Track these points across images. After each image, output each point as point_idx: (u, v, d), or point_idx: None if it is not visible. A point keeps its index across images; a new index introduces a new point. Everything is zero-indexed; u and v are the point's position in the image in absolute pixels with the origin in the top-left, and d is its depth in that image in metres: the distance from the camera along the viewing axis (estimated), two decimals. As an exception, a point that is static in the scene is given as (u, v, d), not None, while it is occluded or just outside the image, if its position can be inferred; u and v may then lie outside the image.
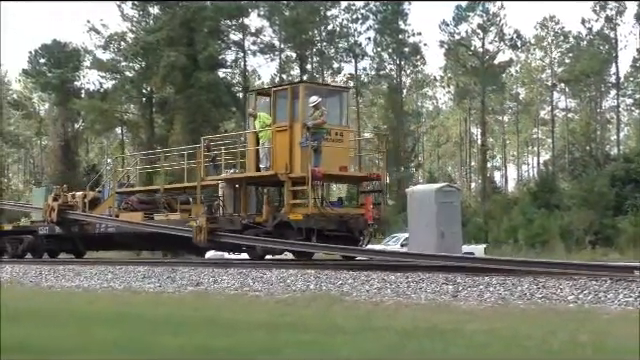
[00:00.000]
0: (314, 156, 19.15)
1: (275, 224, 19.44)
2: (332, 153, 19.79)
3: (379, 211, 20.72)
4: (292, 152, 19.51)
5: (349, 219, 19.71)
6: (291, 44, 67.78)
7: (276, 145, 19.82)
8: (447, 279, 13.52)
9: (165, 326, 9.80)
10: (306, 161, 19.01)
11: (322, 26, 67.82)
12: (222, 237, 20.08)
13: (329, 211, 19.49)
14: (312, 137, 19.13)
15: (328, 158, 19.54)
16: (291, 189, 19.43)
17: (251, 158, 20.75)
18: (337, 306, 12.21)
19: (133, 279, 17.90)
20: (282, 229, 19.29)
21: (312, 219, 18.79)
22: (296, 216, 18.98)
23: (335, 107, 20.80)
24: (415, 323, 9.55)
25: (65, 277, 19.50)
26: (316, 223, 18.83)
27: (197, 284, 16.44)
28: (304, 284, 14.83)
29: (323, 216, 19.12)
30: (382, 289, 13.60)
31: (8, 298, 16.02)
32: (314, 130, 19.15)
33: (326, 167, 19.36)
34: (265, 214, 19.99)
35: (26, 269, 21.44)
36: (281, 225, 19.31)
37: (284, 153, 19.55)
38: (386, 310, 11.54)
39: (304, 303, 12.71)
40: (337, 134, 20.22)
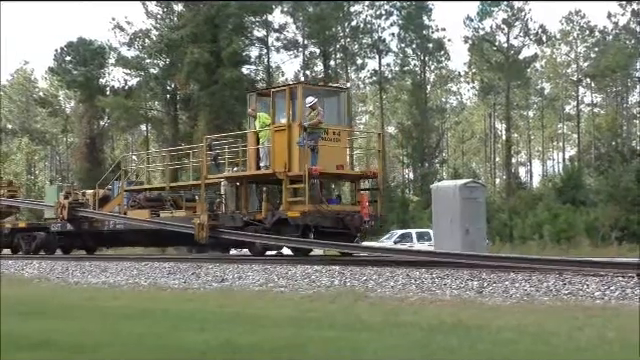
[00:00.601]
0: (311, 155, 19.77)
1: (274, 221, 19.99)
2: (329, 152, 20.35)
3: (375, 208, 21.17)
4: (290, 151, 20.06)
5: (345, 216, 20.15)
6: (315, 40, 67.72)
7: (275, 144, 20.34)
8: (472, 275, 13.47)
9: (190, 322, 9.83)
10: (303, 160, 19.61)
11: (346, 22, 67.67)
12: (223, 234, 20.72)
13: (325, 208, 19.97)
14: (309, 137, 19.73)
15: (325, 157, 20.10)
16: (289, 187, 20.00)
17: (251, 157, 21.30)
18: (362, 302, 12.19)
19: (158, 275, 17.98)
20: (280, 226, 19.87)
21: (309, 216, 19.39)
22: (293, 213, 19.56)
23: (333, 107, 21.36)
24: (440, 319, 9.52)
25: (91, 273, 19.63)
26: (312, 220, 19.45)
27: (222, 280, 16.48)
28: (329, 280, 14.83)
29: (319, 213, 19.66)
30: (406, 285, 13.57)
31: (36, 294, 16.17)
32: (311, 130, 19.74)
33: (323, 166, 19.91)
34: (264, 211, 20.62)
35: (53, 265, 21.62)
36: (279, 222, 19.88)
37: (283, 152, 20.09)
38: (411, 306, 11.51)
39: (329, 299, 12.71)
40: (334, 134, 20.74)
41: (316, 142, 19.87)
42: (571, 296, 11.76)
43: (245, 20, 62.83)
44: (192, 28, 59.25)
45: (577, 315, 9.69)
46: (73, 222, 26.16)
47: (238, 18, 60.77)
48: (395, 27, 68.72)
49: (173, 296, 14.72)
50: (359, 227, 20.42)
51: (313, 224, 19.59)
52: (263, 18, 65.57)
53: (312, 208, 19.51)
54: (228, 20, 59.70)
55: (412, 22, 67.86)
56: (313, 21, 64.96)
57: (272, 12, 65.58)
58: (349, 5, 67.27)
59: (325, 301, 12.49)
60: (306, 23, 66.26)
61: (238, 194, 21.70)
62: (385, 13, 68.16)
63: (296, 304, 12.27)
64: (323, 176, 20.53)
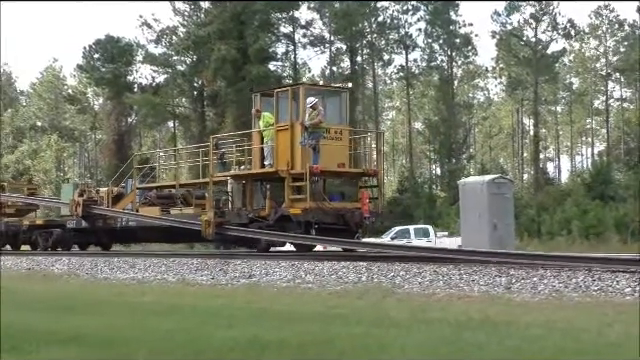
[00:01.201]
0: (313, 154, 20.16)
1: (277, 218, 20.45)
2: (331, 151, 20.78)
3: (376, 205, 21.58)
4: (293, 150, 20.50)
5: (346, 213, 20.56)
6: (341, 36, 67.66)
7: (278, 143, 20.84)
8: (500, 271, 13.40)
9: (218, 318, 9.87)
10: (305, 159, 20.09)
11: (372, 18, 67.56)
12: (229, 230, 21.14)
13: (326, 205, 20.45)
14: (310, 136, 20.12)
15: (327, 155, 20.52)
16: (291, 185, 20.41)
17: (256, 156, 21.77)
18: (389, 298, 12.17)
19: (186, 271, 18.06)
20: (283, 222, 20.30)
21: (310, 213, 19.85)
22: (295, 210, 19.98)
23: (335, 107, 21.87)
24: (468, 315, 9.49)
25: (120, 269, 19.75)
26: (314, 217, 19.89)
27: (249, 276, 16.52)
28: (356, 276, 14.81)
29: (320, 210, 20.14)
30: (434, 281, 13.52)
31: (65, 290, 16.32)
32: (312, 130, 20.11)
33: (325, 164, 20.34)
34: (267, 209, 21.03)
35: (82, 261, 21.79)
36: (282, 219, 20.32)
37: (286, 151, 20.57)
38: (439, 302, 11.48)
39: (356, 295, 12.70)
40: (336, 132, 21.21)
41: (317, 141, 20.24)
42: (601, 292, 11.66)
43: (272, 16, 62.91)
44: (219, 25, 59.42)
45: (607, 311, 9.61)
46: (87, 219, 26.68)
47: (265, 15, 60.86)
48: (422, 22, 68.55)
49: (201, 292, 14.78)
50: (359, 223, 20.84)
51: (314, 221, 20.00)
52: (289, 14, 65.61)
53: (313, 205, 19.99)
54: (255, 17, 59.80)
55: (439, 17, 67.60)
56: (340, 17, 64.90)
57: (298, 8, 65.65)
58: (376, 1, 67.14)
59: (352, 297, 12.49)
60: (332, 19, 66.22)
61: (244, 192, 22.28)
62: (412, 9, 67.97)
63: (323, 300, 12.27)
64: (324, 174, 21.02)
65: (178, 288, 15.77)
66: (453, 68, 71.23)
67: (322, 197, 20.63)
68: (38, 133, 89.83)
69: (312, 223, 19.94)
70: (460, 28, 68.59)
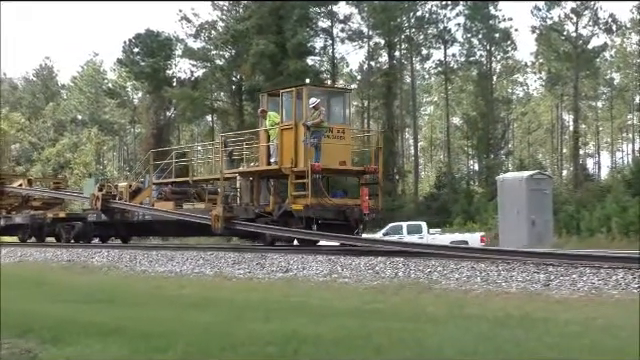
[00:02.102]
0: (315, 152, 20.90)
1: (280, 213, 21.21)
2: (333, 149, 21.46)
3: (376, 202, 22.28)
4: (297, 149, 21.17)
5: (346, 209, 21.34)
6: (380, 31, 67.44)
7: (283, 142, 21.52)
8: (538, 267, 13.30)
9: (255, 312, 9.91)
10: (307, 157, 20.75)
11: (411, 12, 67.24)
12: (236, 225, 22.03)
13: (327, 202, 21.19)
14: (312, 135, 20.83)
15: (329, 154, 21.28)
16: (294, 182, 21.08)
17: (263, 153, 22.48)
18: (426, 294, 12.14)
19: (224, 265, 18.14)
20: (286, 218, 21.12)
21: (311, 209, 20.61)
22: (297, 206, 20.70)
23: (338, 107, 22.64)
24: (507, 312, 9.43)
25: (158, 262, 19.91)
26: (315, 213, 20.67)
27: (286, 270, 16.56)
28: (393, 271, 14.78)
29: (321, 206, 20.92)
30: (471, 277, 13.45)
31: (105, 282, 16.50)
32: (314, 129, 20.83)
33: (327, 162, 21.10)
34: (272, 204, 21.86)
35: (121, 253, 22.00)
36: (285, 214, 21.08)
37: (290, 149, 21.26)
38: (476, 298, 11.42)
39: (393, 290, 12.69)
40: (339, 131, 21.86)
41: (319, 140, 20.95)
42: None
43: (310, 11, 62.89)
44: (257, 19, 59.53)
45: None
46: (107, 213, 27.63)
47: (303, 9, 60.86)
48: (461, 17, 68.07)
49: (238, 286, 14.86)
50: (359, 219, 21.56)
51: (315, 216, 20.74)
52: (328, 9, 65.55)
53: (314, 201, 20.72)
54: (293, 11, 59.82)
55: (478, 12, 67.07)
56: (378, 11, 64.70)
57: (337, 3, 65.54)
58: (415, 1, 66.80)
59: (389, 293, 12.48)
60: (371, 13, 66.05)
61: (251, 188, 23.08)
62: (451, 3, 67.50)
63: (360, 295, 12.28)
64: (325, 172, 21.74)
65: (215, 282, 15.86)
66: (492, 63, 70.64)
67: (323, 194, 21.29)
68: (78, 126, 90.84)
69: (313, 219, 20.66)
70: (499, 23, 67.99)
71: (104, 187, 28.30)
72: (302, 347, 7.06)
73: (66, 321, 9.02)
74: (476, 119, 68.64)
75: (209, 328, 8.34)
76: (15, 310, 10.45)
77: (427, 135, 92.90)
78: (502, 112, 72.36)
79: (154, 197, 26.68)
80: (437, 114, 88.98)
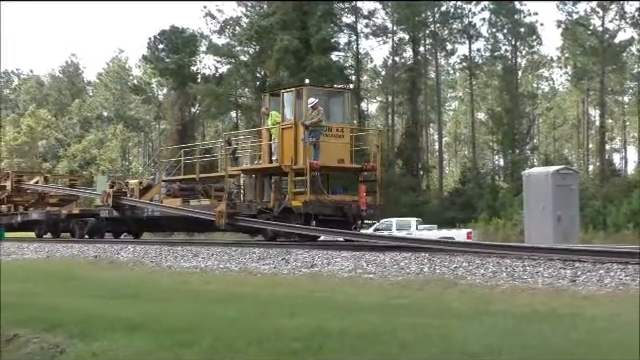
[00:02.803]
0: (314, 150, 21.63)
1: (280, 210, 21.93)
2: (332, 148, 22.24)
3: (374, 199, 22.91)
4: (297, 147, 21.87)
5: (344, 205, 22.11)
6: (404, 26, 67.28)
7: (283, 140, 22.23)
8: (565, 263, 13.22)
9: (280, 307, 9.93)
10: (306, 155, 21.48)
11: (435, 7, 67.01)
12: (239, 221, 22.70)
13: (325, 198, 21.93)
14: (311, 134, 21.56)
15: (328, 152, 22.04)
16: (294, 179, 21.88)
17: (265, 152, 23.25)
18: (451, 289, 12.11)
19: (249, 260, 18.18)
20: (286, 214, 21.76)
21: (310, 205, 21.33)
22: (297, 203, 21.43)
23: (338, 106, 23.30)
24: (533, 307, 9.39)
25: (184, 258, 19.99)
26: (313, 209, 21.43)
27: (311, 266, 16.56)
28: (418, 267, 14.75)
29: (320, 202, 21.66)
30: (497, 273, 13.39)
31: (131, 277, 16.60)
32: (312, 128, 21.54)
33: (326, 160, 21.86)
34: (272, 201, 22.62)
35: (146, 249, 22.12)
36: (285, 210, 21.77)
37: (290, 148, 21.97)
38: (502, 294, 11.38)
39: (418, 286, 12.66)
40: (338, 130, 22.66)
41: (317, 139, 21.65)
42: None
43: (334, 7, 62.84)
44: (281, 15, 59.59)
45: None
46: (118, 209, 28.56)
47: (327, 5, 60.82)
48: (486, 12, 67.74)
49: (263, 281, 14.89)
50: (356, 215, 22.32)
51: (314, 212, 21.49)
52: (352, 4, 65.48)
53: (313, 198, 21.41)
54: (317, 7, 59.81)
55: (503, 6, 66.71)
56: (402, 7, 64.52)
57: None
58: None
59: (414, 288, 12.45)
60: (395, 9, 65.88)
61: (254, 185, 23.95)
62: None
63: (385, 291, 12.27)
64: (324, 169, 22.34)
65: (241, 277, 15.91)
66: (517, 58, 70.28)
67: (321, 191, 21.95)
68: (104, 123, 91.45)
69: (312, 215, 21.42)
70: (525, 17, 67.61)
71: (115, 184, 29.41)
72: (327, 342, 7.07)
73: (93, 316, 9.09)
74: (501, 114, 68.29)
75: (234, 323, 8.36)
76: (43, 305, 10.55)
77: (452, 130, 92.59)
78: (527, 107, 71.94)
79: (163, 194, 27.50)
80: (462, 109, 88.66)
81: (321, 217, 21.71)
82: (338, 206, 22.07)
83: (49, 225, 32.55)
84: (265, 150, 23.20)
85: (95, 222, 30.28)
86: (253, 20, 64.73)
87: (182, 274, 17.12)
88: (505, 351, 6.52)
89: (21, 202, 35.99)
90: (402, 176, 63.33)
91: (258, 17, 64.21)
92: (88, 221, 30.59)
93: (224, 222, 22.66)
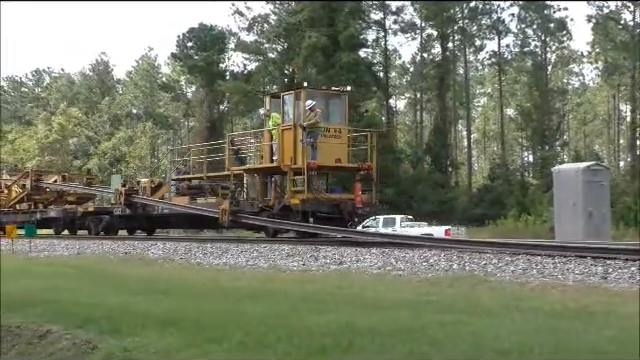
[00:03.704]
0: (311, 151, 22.50)
1: (280, 207, 22.92)
2: (330, 148, 23.05)
3: (370, 197, 23.95)
4: (296, 147, 22.74)
5: (340, 203, 23.00)
6: (432, 22, 67.06)
7: (283, 141, 23.11)
8: (596, 260, 13.11)
9: (310, 303, 9.92)
10: (304, 155, 22.36)
11: (464, 3, 66.71)
12: (241, 218, 23.80)
13: (322, 196, 22.91)
14: (309, 135, 22.37)
15: (326, 152, 22.88)
16: (292, 178, 22.82)
17: (266, 152, 24.14)
18: (481, 286, 12.04)
19: (278, 257, 18.21)
20: (285, 212, 22.72)
21: (307, 203, 22.21)
22: (295, 201, 22.36)
23: (336, 108, 24.16)
24: (564, 304, 9.31)
25: (213, 254, 20.06)
26: (311, 207, 22.27)
27: (340, 263, 16.56)
28: (447, 264, 14.70)
29: (317, 201, 22.54)
30: (527, 270, 13.30)
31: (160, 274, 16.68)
32: (310, 129, 22.35)
33: (323, 160, 22.75)
34: (272, 199, 23.65)
35: (176, 246, 22.25)
36: (285, 208, 22.74)
37: (290, 148, 22.89)
38: (532, 291, 11.30)
39: (447, 283, 12.61)
40: (336, 131, 23.50)
41: (315, 139, 22.50)
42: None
43: (362, 3, 62.74)
44: (310, 12, 59.61)
45: None
46: (130, 207, 29.64)
47: (355, 1, 60.75)
48: (515, 7, 67.37)
49: (292, 278, 14.90)
50: (352, 213, 23.15)
51: (312, 210, 22.28)
52: (380, 0, 65.34)
53: (310, 196, 22.33)
54: (345, 4, 59.75)
55: (533, 2, 66.28)
56: (431, 3, 64.30)
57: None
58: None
59: (444, 285, 12.40)
60: (424, 5, 65.66)
61: (255, 184, 24.89)
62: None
63: (414, 288, 12.22)
64: (321, 169, 23.31)
65: (270, 274, 15.91)
66: (547, 53, 69.86)
67: (319, 189, 23.02)
68: (134, 120, 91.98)
69: (309, 212, 22.24)
70: (554, 12, 67.21)
71: (127, 183, 30.73)
72: (357, 339, 7.06)
73: (124, 312, 9.14)
74: (530, 110, 67.93)
75: (264, 319, 8.37)
76: (74, 301, 10.63)
77: (480, 127, 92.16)
78: (557, 103, 71.49)
79: (173, 192, 28.46)
80: (490, 105, 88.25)
81: (318, 214, 22.48)
82: (335, 204, 22.96)
83: (66, 222, 33.58)
84: (266, 150, 24.01)
85: (109, 219, 31.18)
86: (281, 17, 64.84)
87: (211, 271, 17.17)
88: (536, 348, 6.48)
89: (40, 200, 37.25)
90: (430, 173, 63.16)
91: (286, 14, 64.32)
92: (103, 218, 31.53)
93: (227, 219, 23.68)
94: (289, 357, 6.61)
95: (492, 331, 7.29)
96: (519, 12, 67.45)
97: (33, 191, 37.11)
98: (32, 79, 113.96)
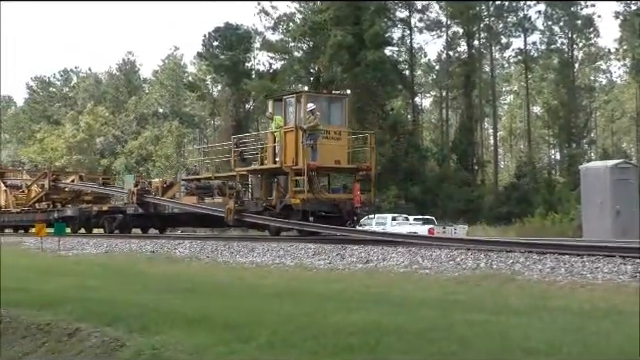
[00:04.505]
0: (311, 152, 23.17)
1: (282, 207, 23.60)
2: (330, 149, 23.70)
3: (368, 197, 24.85)
4: (297, 149, 23.37)
5: (339, 203, 23.78)
6: (458, 20, 66.79)
7: (285, 143, 23.78)
8: (625, 258, 13.00)
9: (337, 302, 9.92)
10: (304, 156, 23.03)
11: (490, 1, 66.38)
12: (246, 217, 24.67)
13: (322, 196, 23.62)
14: (309, 137, 23.00)
15: (326, 153, 23.54)
16: (294, 179, 23.51)
17: (269, 153, 24.82)
18: (509, 285, 11.99)
19: (304, 256, 18.23)
20: (287, 211, 23.45)
21: (307, 203, 22.99)
22: (295, 200, 23.06)
23: (336, 111, 24.83)
24: (592, 304, 9.25)
25: (239, 253, 20.13)
26: (311, 206, 23.09)
27: (366, 261, 16.54)
28: (474, 263, 14.64)
29: (316, 200, 23.28)
30: (555, 269, 13.21)
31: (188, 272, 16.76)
32: (310, 132, 22.96)
33: (323, 161, 23.47)
34: (274, 199, 24.33)
35: (203, 245, 22.34)
36: (286, 208, 23.46)
37: (291, 150, 23.53)
38: (561, 290, 11.23)
39: (475, 282, 12.57)
40: (336, 133, 24.15)
41: (315, 141, 23.14)
42: None
43: (387, 1, 62.60)
44: (335, 11, 59.57)
45: None
46: (142, 206, 30.40)
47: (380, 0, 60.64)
48: (541, 4, 66.92)
49: (318, 276, 14.91)
50: (350, 212, 23.82)
51: (312, 210, 23.15)
52: None
53: (310, 196, 23.07)
54: (371, 2, 59.65)
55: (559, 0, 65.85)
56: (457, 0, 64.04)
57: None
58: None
59: (471, 284, 12.36)
60: (449, 3, 65.40)
61: (260, 184, 25.60)
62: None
63: (441, 286, 12.19)
64: (321, 169, 24.07)
65: (296, 272, 15.95)
66: (574, 50, 69.33)
67: (318, 189, 23.70)
68: (160, 119, 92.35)
69: (309, 211, 23.06)
70: (582, 9, 66.69)
71: (139, 183, 31.54)
72: (384, 338, 7.04)
73: (152, 310, 9.18)
74: (557, 108, 67.48)
75: (291, 318, 8.37)
76: (102, 299, 10.71)
77: (506, 125, 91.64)
78: (584, 100, 70.95)
79: (183, 192, 29.45)
80: (517, 103, 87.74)
81: (318, 214, 23.40)
82: (334, 204, 23.73)
83: (82, 221, 34.36)
84: (270, 152, 24.73)
85: (122, 218, 31.92)
86: (307, 16, 64.85)
87: (238, 269, 17.24)
88: (565, 348, 6.44)
89: (58, 199, 38.49)
90: (456, 171, 62.93)
91: (312, 13, 64.30)
92: (116, 217, 32.26)
93: (232, 218, 24.52)
94: (316, 356, 6.60)
95: (520, 330, 7.26)
96: (545, 9, 67.05)
97: (51, 190, 38.31)
98: (60, 79, 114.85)
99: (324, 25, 60.49)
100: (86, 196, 38.11)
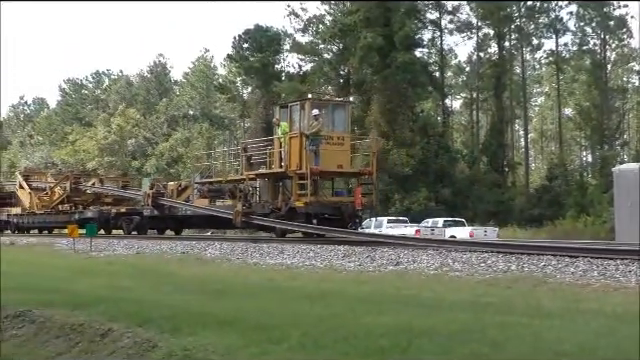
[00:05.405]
0: (314, 157, 23.97)
1: (287, 210, 24.47)
2: (333, 154, 24.59)
3: (370, 200, 25.64)
4: (301, 154, 24.16)
5: (341, 206, 24.70)
6: (489, 21, 66.46)
7: (290, 148, 24.61)
8: (659, 262, 12.86)
9: (367, 304, 9.91)
10: (307, 161, 23.90)
11: (521, 1, 65.98)
12: (253, 219, 25.52)
13: (324, 199, 24.84)
14: (311, 142, 23.83)
15: (329, 158, 24.41)
16: (298, 182, 24.26)
17: (276, 158, 25.53)
18: (541, 288, 11.91)
19: (334, 257, 18.23)
20: (291, 213, 24.24)
21: (310, 206, 23.92)
22: (299, 203, 23.92)
23: (340, 117, 25.82)
24: (625, 307, 9.16)
25: (269, 255, 20.16)
26: (314, 209, 24.08)
27: (396, 263, 16.51)
28: (505, 265, 14.57)
29: (319, 203, 24.38)
30: (587, 271, 13.11)
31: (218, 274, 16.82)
32: (313, 137, 23.76)
33: (326, 165, 24.36)
34: (280, 202, 25.20)
35: (233, 246, 22.43)
36: (290, 210, 24.30)
37: (296, 154, 24.36)
38: (594, 293, 11.14)
39: (506, 284, 12.50)
40: (339, 139, 25.05)
41: (317, 146, 23.96)
42: None
43: (418, 3, 62.44)
44: (365, 12, 59.50)
45: None
46: (157, 208, 31.51)
47: (411, 1, 60.48)
48: (573, 5, 66.41)
49: (349, 278, 14.90)
50: (352, 215, 24.74)
51: (314, 212, 24.11)
52: (436, 0, 64.98)
53: (313, 199, 24.05)
54: (401, 3, 59.52)
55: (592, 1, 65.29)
56: (487, 2, 63.73)
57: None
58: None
59: (502, 286, 12.29)
60: (480, 4, 65.11)
61: (267, 187, 26.46)
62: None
63: (472, 288, 12.14)
64: (324, 174, 25.00)
65: (326, 274, 15.94)
66: (606, 51, 68.72)
67: (321, 193, 24.77)
68: (190, 121, 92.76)
69: (312, 214, 23.97)
70: (614, 10, 66.11)
71: (154, 186, 32.44)
72: (415, 340, 7.02)
73: (184, 311, 9.23)
74: (589, 109, 66.93)
75: (321, 320, 8.37)
76: (134, 300, 10.77)
77: (537, 126, 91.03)
78: (617, 102, 70.30)
79: (196, 194, 30.05)
80: (548, 105, 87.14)
81: (321, 216, 24.27)
82: (336, 206, 24.69)
83: (101, 222, 34.81)
84: (276, 156, 25.48)
85: (139, 220, 32.86)
86: (336, 18, 64.88)
87: (268, 271, 17.27)
88: (598, 351, 6.39)
89: (80, 201, 39.60)
90: (487, 173, 62.63)
91: (341, 15, 64.29)
92: (133, 219, 33.20)
93: (240, 220, 25.44)
94: (347, 357, 6.60)
95: (552, 333, 7.22)
96: (577, 10, 66.53)
97: (72, 193, 39.49)
98: (92, 81, 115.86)
99: (354, 27, 60.46)
100: (106, 198, 39.25)
